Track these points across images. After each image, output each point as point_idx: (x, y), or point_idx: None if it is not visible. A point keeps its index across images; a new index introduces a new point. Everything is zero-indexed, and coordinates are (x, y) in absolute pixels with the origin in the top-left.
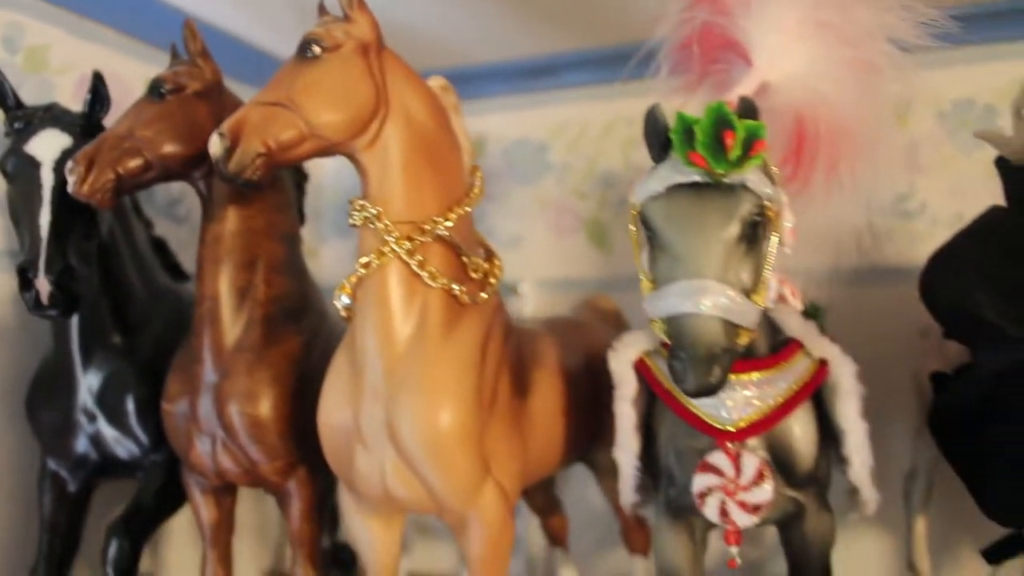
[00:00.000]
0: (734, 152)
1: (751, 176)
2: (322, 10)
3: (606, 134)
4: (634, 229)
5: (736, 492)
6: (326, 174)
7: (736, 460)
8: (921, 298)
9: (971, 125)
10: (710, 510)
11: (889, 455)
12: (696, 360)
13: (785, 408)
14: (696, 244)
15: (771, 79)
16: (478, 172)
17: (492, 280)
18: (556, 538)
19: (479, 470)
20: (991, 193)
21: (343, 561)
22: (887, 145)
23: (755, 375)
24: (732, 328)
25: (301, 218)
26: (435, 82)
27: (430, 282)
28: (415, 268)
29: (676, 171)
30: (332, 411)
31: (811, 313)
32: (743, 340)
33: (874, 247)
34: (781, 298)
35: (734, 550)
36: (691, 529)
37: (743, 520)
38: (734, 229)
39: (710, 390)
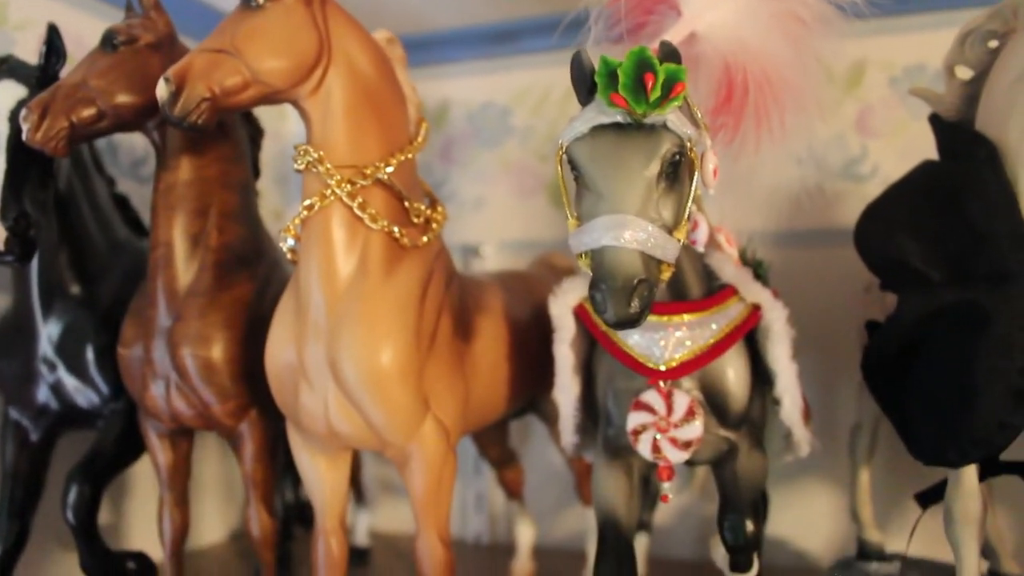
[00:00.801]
0: (654, 94)
1: (672, 117)
2: None
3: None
4: (560, 169)
5: (668, 429)
6: (296, 136)
7: (668, 398)
8: (855, 248)
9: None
10: (643, 447)
11: (837, 410)
12: (615, 291)
13: (717, 349)
14: (617, 181)
15: (699, 28)
16: (424, 123)
17: (434, 225)
18: (512, 491)
19: (417, 405)
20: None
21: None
22: (815, 96)
23: (688, 317)
24: (652, 261)
25: (256, 170)
26: (380, 35)
27: (371, 224)
28: (356, 210)
29: (600, 112)
30: (277, 350)
31: (755, 267)
32: (664, 274)
33: (827, 209)
34: (717, 245)
35: (666, 485)
36: (628, 468)
37: (675, 456)
38: (654, 167)
39: (630, 321)
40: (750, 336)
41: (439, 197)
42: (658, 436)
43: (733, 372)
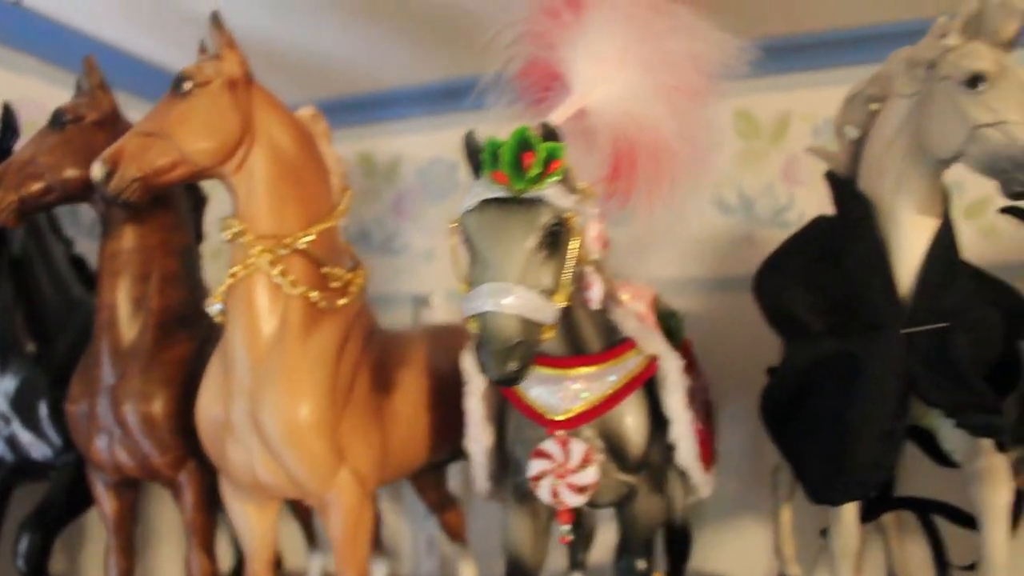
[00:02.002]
0: (532, 170)
1: (550, 191)
2: (202, 49)
3: None
4: (454, 240)
5: (565, 475)
6: None
7: (565, 446)
8: (754, 298)
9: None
10: (543, 492)
11: (763, 452)
12: (495, 352)
13: (613, 399)
14: (499, 251)
15: (589, 104)
16: (347, 192)
17: (352, 288)
18: (453, 534)
19: (333, 457)
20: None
21: None
22: (707, 162)
23: (585, 370)
24: (530, 324)
25: (199, 236)
26: (305, 111)
27: (289, 290)
28: (276, 277)
29: (486, 188)
30: (206, 406)
31: (667, 318)
32: (547, 334)
33: (757, 256)
34: (619, 301)
35: (565, 528)
36: (535, 513)
37: (572, 500)
38: (533, 238)
39: (509, 379)
40: (651, 385)
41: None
42: (557, 482)
43: (631, 420)
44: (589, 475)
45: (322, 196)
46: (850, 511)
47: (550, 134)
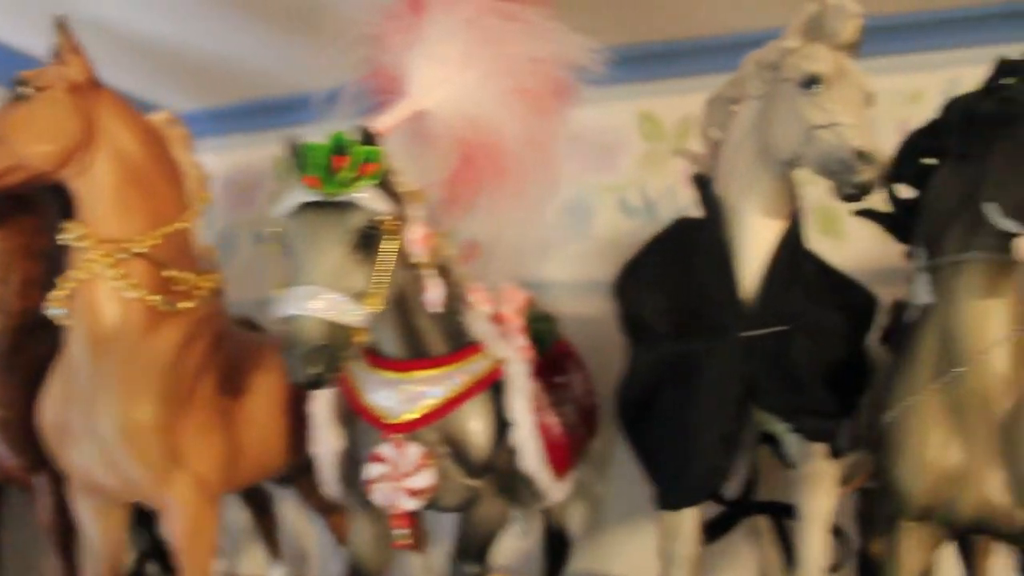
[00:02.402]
0: (344, 174)
1: (363, 195)
2: (55, 54)
3: None
4: (273, 244)
5: (400, 479)
6: None
7: (400, 449)
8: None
9: None
10: (378, 496)
11: None
12: (298, 354)
13: (454, 402)
14: (309, 254)
15: (427, 106)
16: (204, 195)
17: (198, 292)
18: (341, 536)
19: (169, 459)
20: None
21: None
22: (555, 165)
23: (427, 373)
24: (337, 328)
25: None
26: (160, 116)
27: (129, 293)
28: (116, 281)
29: (301, 191)
30: (47, 409)
31: (535, 322)
32: (359, 337)
33: None
34: (470, 304)
35: (401, 532)
36: (378, 517)
37: (408, 504)
38: (344, 241)
39: (314, 382)
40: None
41: None
42: (392, 486)
43: (475, 423)
44: (424, 479)
45: (170, 200)
46: (689, 517)
47: (367, 137)
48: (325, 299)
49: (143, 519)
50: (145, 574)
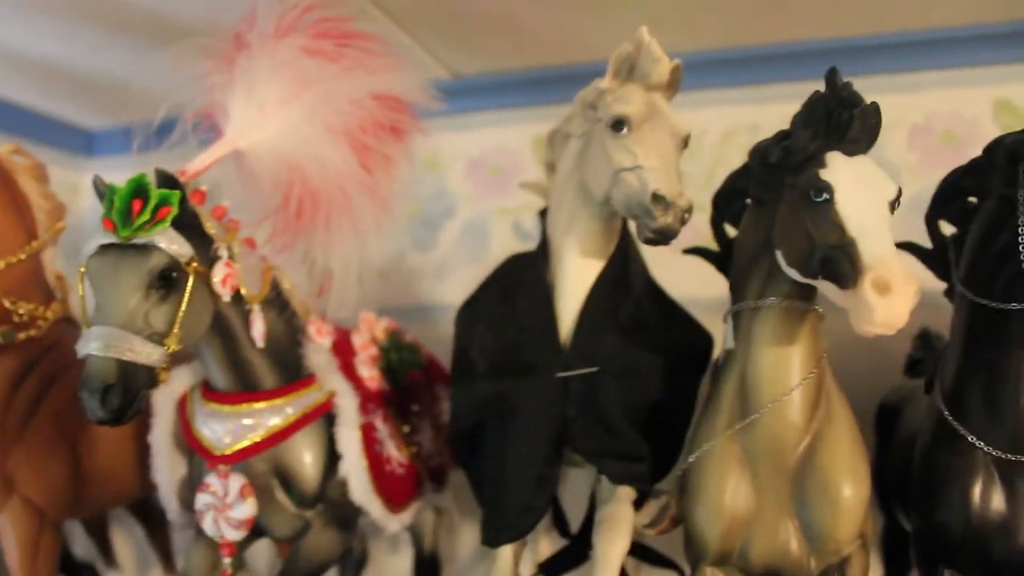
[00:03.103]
0: (141, 218)
1: (161, 237)
2: None
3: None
4: (80, 285)
5: (225, 509)
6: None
7: (226, 480)
8: None
9: None
10: (207, 525)
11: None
12: (90, 393)
13: (283, 434)
14: (106, 295)
15: (243, 146)
16: (59, 224)
17: (40, 323)
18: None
19: (0, 486)
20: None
21: None
22: (392, 194)
23: (257, 405)
24: (131, 367)
25: None
26: (5, 148)
27: None
28: None
29: (101, 234)
30: None
31: (390, 351)
32: (161, 376)
33: None
34: (310, 337)
35: (226, 561)
36: (212, 545)
37: (231, 534)
38: (141, 283)
39: (107, 420)
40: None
41: None
42: (218, 516)
43: (305, 455)
44: (246, 509)
45: (10, 231)
46: (506, 554)
47: (165, 181)
48: (117, 339)
49: None
50: None
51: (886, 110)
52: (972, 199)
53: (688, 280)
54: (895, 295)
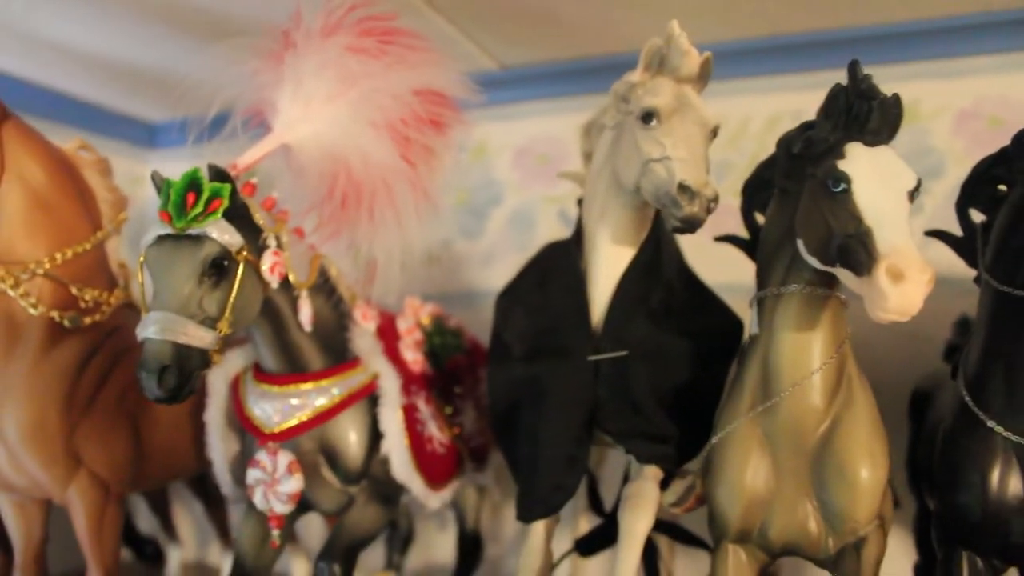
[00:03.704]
0: (195, 210)
1: (213, 228)
2: None
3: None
4: (141, 273)
5: (274, 484)
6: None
7: (274, 457)
8: None
9: None
10: (257, 499)
11: None
12: (148, 373)
13: (328, 413)
14: (163, 283)
15: (290, 141)
16: (122, 215)
17: (104, 308)
18: None
19: (67, 460)
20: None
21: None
22: (430, 190)
23: (304, 386)
24: (185, 350)
25: None
26: (72, 144)
27: (32, 310)
28: (19, 300)
29: (158, 226)
30: None
31: (433, 336)
32: (214, 358)
33: None
34: (356, 321)
35: (275, 533)
36: (263, 518)
37: (279, 508)
38: (196, 271)
39: (163, 398)
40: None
41: None
42: (267, 490)
43: (349, 433)
44: (293, 484)
45: (78, 223)
46: (538, 530)
47: (217, 175)
48: (173, 324)
49: None
50: None
51: (932, 96)
52: (1002, 187)
53: (725, 266)
54: (908, 283)
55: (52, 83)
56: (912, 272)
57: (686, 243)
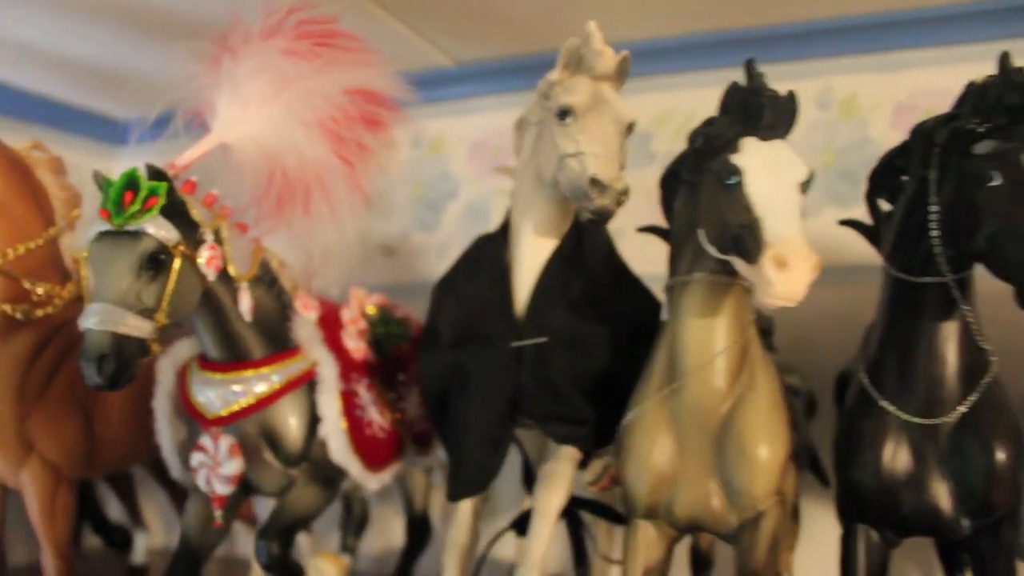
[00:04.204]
0: (132, 207)
1: (150, 224)
2: None
3: None
4: (83, 268)
5: (216, 467)
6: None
7: (216, 441)
8: None
9: (630, 149)
10: (200, 481)
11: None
12: (88, 362)
13: (269, 399)
14: (103, 276)
15: (229, 140)
16: (75, 211)
17: (56, 301)
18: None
19: (19, 446)
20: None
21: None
22: (366, 185)
23: (245, 373)
24: (124, 340)
25: None
26: (27, 145)
27: None
28: None
29: (99, 223)
30: None
31: (377, 325)
32: (153, 348)
33: None
34: (296, 311)
35: (218, 513)
36: (208, 500)
37: (221, 489)
38: (133, 265)
39: (104, 385)
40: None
41: None
42: (210, 473)
43: (289, 418)
44: (234, 466)
45: (30, 220)
46: (465, 508)
47: (154, 174)
48: (113, 315)
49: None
50: (78, 544)
51: (870, 89)
52: (905, 177)
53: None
54: (792, 270)
55: (18, 82)
56: (796, 260)
57: (630, 235)
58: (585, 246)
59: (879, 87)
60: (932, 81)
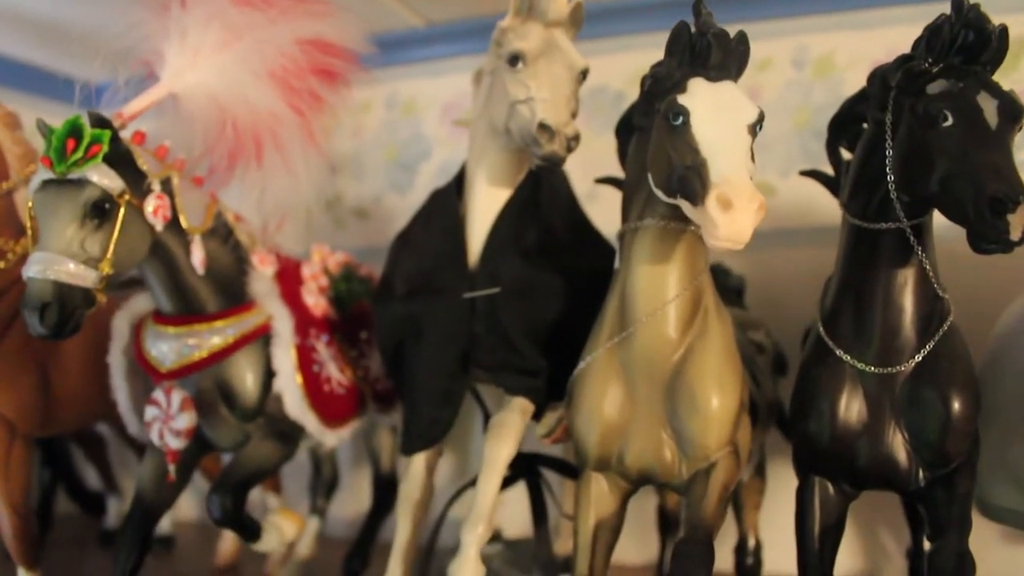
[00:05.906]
0: (75, 155)
1: (93, 172)
2: None
3: None
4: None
5: (168, 420)
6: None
7: (168, 394)
8: None
9: (605, 110)
10: (154, 435)
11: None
12: (30, 311)
13: (222, 353)
14: (47, 225)
15: (178, 90)
16: (30, 167)
17: (9, 255)
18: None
19: None
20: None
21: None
22: (321, 136)
23: (198, 327)
24: (67, 289)
25: None
26: None
27: None
28: None
29: (42, 171)
30: None
31: (339, 283)
32: (98, 297)
33: None
34: (253, 266)
35: (171, 468)
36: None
37: (174, 443)
38: (76, 213)
39: (47, 335)
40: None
41: None
42: (162, 427)
43: (246, 373)
44: (186, 420)
45: None
46: (418, 462)
47: (97, 122)
48: (56, 263)
49: (50, 458)
50: (51, 509)
51: (847, 47)
52: (864, 124)
53: None
54: (737, 211)
55: None
56: (740, 201)
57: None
58: (542, 195)
59: (856, 45)
60: (910, 39)
